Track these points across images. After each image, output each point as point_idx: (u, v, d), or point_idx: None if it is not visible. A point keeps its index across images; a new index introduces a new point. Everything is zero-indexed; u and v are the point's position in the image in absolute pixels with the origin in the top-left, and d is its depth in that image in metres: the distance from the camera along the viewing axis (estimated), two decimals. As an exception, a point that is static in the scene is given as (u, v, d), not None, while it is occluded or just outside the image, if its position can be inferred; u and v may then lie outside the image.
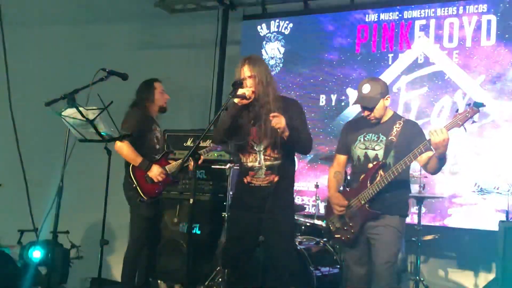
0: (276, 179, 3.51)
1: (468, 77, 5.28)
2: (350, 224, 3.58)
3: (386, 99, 3.59)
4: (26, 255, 5.03)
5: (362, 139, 3.64)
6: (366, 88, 3.54)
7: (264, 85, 3.46)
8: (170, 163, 4.54)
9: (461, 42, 5.37)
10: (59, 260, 5.28)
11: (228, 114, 3.47)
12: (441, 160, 3.35)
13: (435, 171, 3.50)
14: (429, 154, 3.41)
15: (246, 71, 3.49)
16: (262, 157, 3.52)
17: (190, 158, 3.40)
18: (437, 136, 3.21)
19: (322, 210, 5.07)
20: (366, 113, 3.58)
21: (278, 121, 3.33)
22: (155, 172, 4.38)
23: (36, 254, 4.91)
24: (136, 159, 4.36)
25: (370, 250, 3.53)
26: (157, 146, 4.56)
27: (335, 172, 3.78)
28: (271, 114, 3.34)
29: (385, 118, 3.63)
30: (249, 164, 3.55)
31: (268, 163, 3.52)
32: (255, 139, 3.53)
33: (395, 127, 3.58)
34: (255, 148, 3.54)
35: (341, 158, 3.80)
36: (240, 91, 3.41)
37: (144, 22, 6.99)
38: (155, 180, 4.39)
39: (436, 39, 5.48)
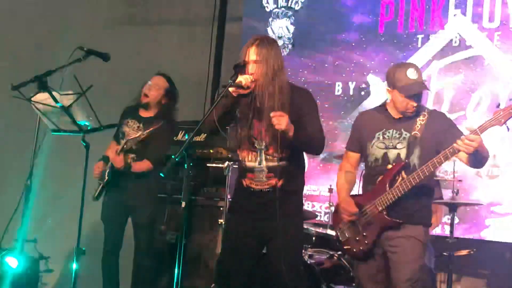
0: (279, 183, 3.52)
1: (512, 64, 5.34)
2: (364, 233, 3.61)
3: None
4: None
5: (381, 137, 3.65)
6: (413, 73, 3.55)
7: (269, 74, 3.45)
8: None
9: (503, 22, 5.39)
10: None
11: (221, 103, 3.48)
12: (481, 154, 3.40)
13: (480, 166, 3.62)
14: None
15: (252, 53, 3.49)
16: (264, 156, 3.53)
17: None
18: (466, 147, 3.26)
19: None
20: (412, 105, 3.55)
21: (279, 121, 3.34)
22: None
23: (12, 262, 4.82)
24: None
25: (388, 265, 3.56)
26: (121, 141, 4.93)
27: (346, 172, 3.79)
28: (272, 113, 3.36)
29: None
30: (248, 164, 3.58)
31: (270, 164, 3.53)
32: (256, 135, 3.55)
33: (419, 120, 3.59)
34: (255, 145, 3.55)
35: (353, 156, 3.81)
36: (238, 79, 3.42)
37: (128, -8, 7.07)
38: None
39: (475, 18, 5.51)
